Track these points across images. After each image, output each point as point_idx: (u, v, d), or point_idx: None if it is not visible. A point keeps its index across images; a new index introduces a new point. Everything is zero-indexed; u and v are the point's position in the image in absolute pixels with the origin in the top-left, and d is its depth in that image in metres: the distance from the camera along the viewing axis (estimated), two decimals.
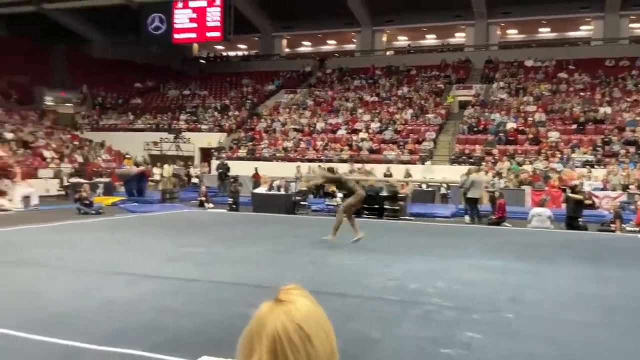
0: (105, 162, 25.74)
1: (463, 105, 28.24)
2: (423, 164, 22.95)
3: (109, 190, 20.51)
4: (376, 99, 29.45)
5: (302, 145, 25.87)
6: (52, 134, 27.09)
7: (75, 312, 5.65)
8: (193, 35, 32.31)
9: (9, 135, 23.76)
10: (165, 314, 5.73)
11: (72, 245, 9.92)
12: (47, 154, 23.45)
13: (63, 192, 20.16)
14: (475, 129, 24.81)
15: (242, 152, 26.35)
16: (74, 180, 20.19)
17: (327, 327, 1.11)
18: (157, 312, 5.77)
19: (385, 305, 6.20)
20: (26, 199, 16.80)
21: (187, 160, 27.42)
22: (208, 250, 9.64)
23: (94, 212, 15.58)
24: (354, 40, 37.91)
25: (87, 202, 15.93)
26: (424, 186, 20.85)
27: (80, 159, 24.59)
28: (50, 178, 21.01)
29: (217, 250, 9.76)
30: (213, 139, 28.23)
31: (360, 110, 28.22)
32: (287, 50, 39.63)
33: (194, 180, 25.19)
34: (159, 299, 6.28)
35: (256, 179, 21.50)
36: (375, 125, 26.31)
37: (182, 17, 32.04)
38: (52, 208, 16.77)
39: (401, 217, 16.15)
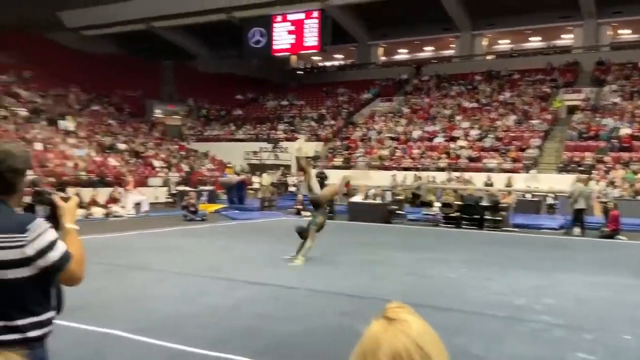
0: (209, 171, 26.91)
1: (571, 110, 26.65)
2: (527, 172, 21.89)
3: (212, 198, 21.41)
4: (476, 105, 28.56)
5: (398, 153, 25.60)
6: (161, 145, 28.75)
7: (182, 315, 5.88)
8: (291, 47, 33.27)
9: (122, 146, 25.50)
10: (266, 320, 5.82)
11: (178, 250, 10.40)
12: (157, 163, 24.90)
13: (171, 200, 21.29)
14: (585, 135, 23.30)
15: (338, 160, 26.52)
16: (180, 188, 21.30)
17: (442, 347, 1.12)
18: (258, 318, 5.86)
19: (489, 321, 5.91)
20: (137, 205, 17.91)
21: (285, 169, 28.02)
22: (304, 258, 9.72)
23: (198, 218, 16.30)
24: (452, 45, 37.07)
25: (193, 209, 16.70)
26: (528, 196, 19.86)
27: (186, 168, 25.88)
28: (159, 186, 22.28)
29: (313, 257, 9.82)
30: (310, 148, 28.62)
31: (458, 117, 27.49)
32: (383, 58, 39.51)
33: (291, 188, 25.67)
34: (259, 305, 6.40)
35: (346, 187, 21.51)
36: (474, 133, 25.50)
37: (281, 30, 33.06)
38: (161, 215, 17.74)
39: (503, 229, 15.45)
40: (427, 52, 39.70)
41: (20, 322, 1.94)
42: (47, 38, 35.25)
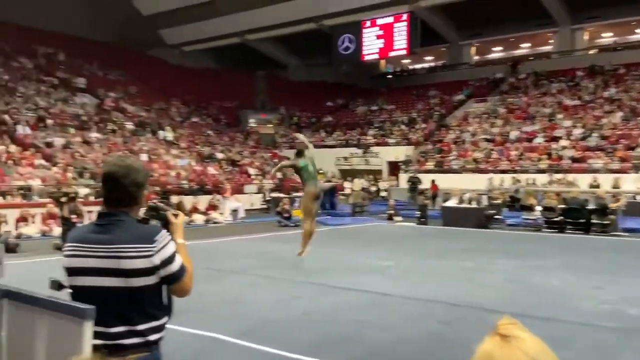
0: None
1: None
2: (637, 172, 20.32)
3: None
4: (578, 102, 26.95)
5: (494, 155, 24.68)
6: (256, 153, 29.63)
7: (277, 320, 5.97)
8: (380, 51, 33.15)
9: (220, 155, 26.54)
10: (361, 327, 5.76)
11: (273, 255, 10.63)
12: (252, 171, 25.67)
13: (265, 206, 21.85)
14: None
15: (430, 164, 26.01)
16: (274, 195, 21.81)
17: None
18: (354, 325, 5.83)
19: (601, 333, 5.50)
20: (234, 212, 18.55)
21: (376, 174, 27.90)
22: (398, 264, 9.60)
23: (292, 224, 16.57)
24: (551, 41, 35.27)
25: (287, 215, 17.03)
26: (639, 198, 18.42)
27: (279, 175, 26.45)
28: (254, 193, 22.94)
29: (407, 263, 9.67)
30: (400, 153, 28.35)
31: (559, 116, 26.07)
32: (475, 57, 38.36)
33: (383, 193, 25.50)
34: (354, 312, 6.36)
35: (434, 190, 21.06)
36: (577, 132, 24.06)
37: (370, 36, 33.06)
38: (256, 221, 18.24)
39: (612, 233, 14.42)
40: (523, 49, 38.04)
41: (141, 326, 2.04)
42: (150, 55, 37.56)
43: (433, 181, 21.95)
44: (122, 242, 2.00)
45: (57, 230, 12.84)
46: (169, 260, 2.05)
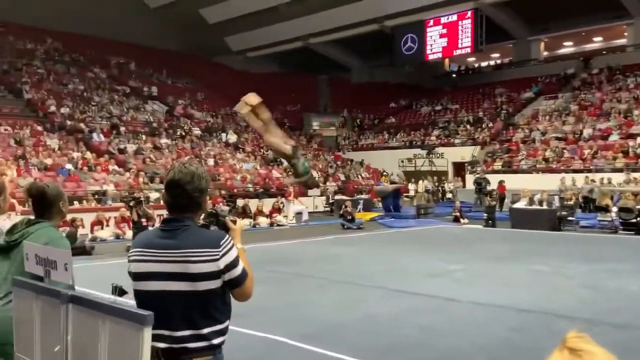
0: (365, 180, 27.26)
1: None
2: None
3: (368, 206, 21.63)
4: None
5: (566, 154, 23.66)
6: (319, 156, 29.79)
7: (341, 324, 5.94)
8: (444, 50, 32.57)
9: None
10: (428, 333, 5.65)
11: (337, 258, 10.61)
12: (315, 174, 25.80)
13: (328, 209, 21.91)
14: None
15: (498, 164, 25.26)
16: (337, 197, 21.83)
17: None
18: (420, 330, 5.72)
19: None
20: (298, 215, 18.71)
21: (441, 176, 27.40)
22: (465, 268, 9.35)
23: (355, 227, 16.53)
24: (625, 34, 33.45)
25: (350, 217, 17.00)
26: None
27: (342, 178, 26.50)
28: (318, 196, 23.05)
29: (474, 268, 9.40)
30: (466, 153, 27.72)
31: (636, 112, 24.65)
32: (545, 53, 36.95)
33: (448, 195, 25.01)
34: (420, 317, 6.24)
35: (501, 191, 20.38)
36: None
37: (433, 35, 32.56)
38: (320, 223, 18.31)
39: None
40: (596, 43, 36.31)
41: (206, 330, 2.06)
42: (216, 62, 38.60)
43: (501, 182, 21.29)
44: (189, 247, 2.03)
45: (129, 233, 13.40)
46: (233, 264, 2.08)
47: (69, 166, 18.47)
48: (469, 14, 30.51)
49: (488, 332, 5.58)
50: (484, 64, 40.48)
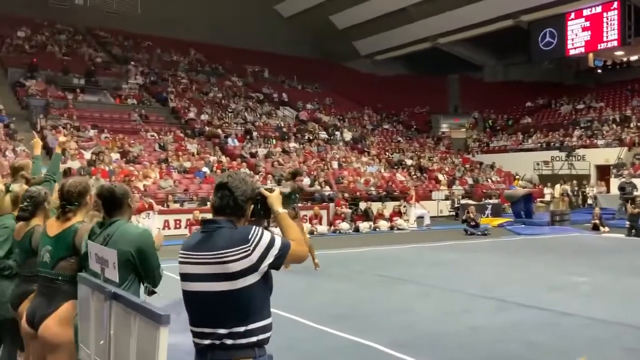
0: (495, 184, 26.06)
1: None
2: None
3: (497, 211, 20.65)
4: None
5: None
6: (446, 159, 29.03)
7: (440, 334, 5.76)
8: (587, 44, 30.19)
9: (409, 162, 26.56)
10: (534, 349, 5.28)
11: (451, 265, 10.28)
12: (441, 177, 25.21)
13: (453, 213, 21.26)
14: None
15: None
16: (463, 202, 21.10)
17: None
18: (525, 346, 5.36)
19: None
20: (420, 219, 18.39)
21: (582, 179, 25.36)
22: (593, 280, 8.59)
23: (479, 233, 15.88)
24: None
25: (474, 223, 16.36)
26: None
27: (470, 181, 25.57)
28: (442, 200, 22.46)
29: (605, 280, 8.60)
30: (611, 155, 25.38)
31: None
32: None
33: (589, 201, 23.07)
34: (526, 331, 5.85)
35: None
36: None
37: (575, 28, 30.39)
38: (442, 228, 17.83)
39: None
40: None
41: (246, 327, 2.13)
42: (344, 66, 39.29)
43: None
44: (223, 248, 2.12)
45: None
46: (269, 246, 2.15)
47: (205, 169, 19.84)
48: (615, 4, 28.03)
49: (601, 352, 5.08)
50: (633, 57, 36.76)
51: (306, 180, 20.83)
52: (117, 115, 23.67)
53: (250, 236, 2.15)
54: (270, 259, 2.15)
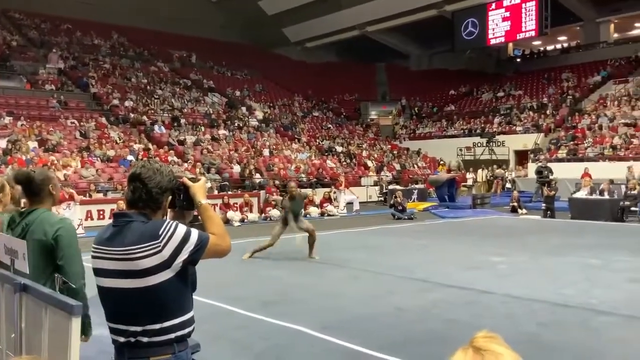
0: (421, 169, 26.84)
1: None
2: None
3: (422, 196, 21.30)
4: None
5: (635, 142, 22.35)
6: (375, 145, 29.58)
7: (367, 316, 5.91)
8: (507, 34, 31.44)
9: (339, 149, 26.86)
10: (453, 326, 5.52)
11: (379, 249, 10.54)
12: (370, 163, 25.68)
13: (382, 199, 21.75)
14: None
15: (562, 152, 24.20)
16: (391, 187, 21.60)
17: None
18: (445, 324, 5.60)
19: None
20: (349, 205, 18.69)
21: (502, 165, 26.57)
22: (510, 260, 9.07)
23: (406, 217, 16.34)
24: None
25: (401, 207, 16.81)
26: None
27: (398, 167, 26.20)
28: (371, 185, 22.92)
29: (521, 260, 9.09)
30: (529, 141, 26.73)
31: None
32: (615, 35, 34.98)
33: (508, 185, 24.21)
34: (448, 309, 6.12)
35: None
36: None
37: (495, 18, 31.52)
38: (371, 213, 18.21)
39: None
40: None
41: (161, 324, 2.03)
42: (275, 53, 39.02)
43: (586, 169, 20.35)
44: (131, 244, 2.01)
45: None
46: (183, 241, 2.02)
47: (130, 157, 19.22)
48: None
49: (516, 326, 5.39)
50: (549, 47, 38.81)
51: (236, 168, 20.69)
52: (35, 102, 22.48)
53: (161, 231, 2.01)
54: (184, 255, 2.02)
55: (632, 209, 14.96)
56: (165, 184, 2.13)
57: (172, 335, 2.05)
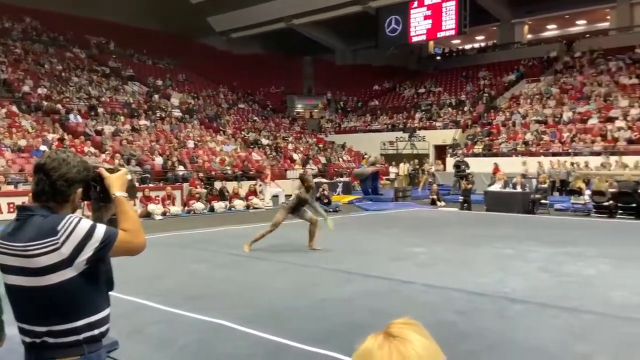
0: (346, 163, 27.21)
1: None
2: None
3: (347, 189, 21.62)
4: (636, 81, 25.52)
5: (546, 138, 23.75)
6: (301, 138, 29.66)
7: (292, 307, 5.93)
8: (428, 32, 32.36)
9: (265, 141, 26.72)
10: (376, 316, 5.63)
11: (302, 241, 10.56)
12: (296, 156, 25.73)
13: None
14: None
15: (478, 148, 25.32)
16: (317, 180, 21.74)
17: None
18: (369, 314, 5.71)
19: (624, 326, 5.17)
20: (275, 198, 18.66)
21: (422, 159, 27.43)
22: (430, 251, 9.39)
23: (331, 209, 16.52)
24: (608, 17, 33.49)
25: (326, 200, 16.99)
26: None
27: (323, 160, 26.43)
28: (297, 179, 22.92)
29: (439, 250, 9.44)
30: (448, 136, 27.75)
31: (616, 96, 24.77)
32: (528, 36, 36.93)
33: (429, 178, 25.01)
34: (371, 300, 6.25)
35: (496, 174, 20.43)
36: (635, 112, 22.80)
37: (417, 16, 32.30)
38: None
39: None
40: (579, 26, 36.33)
41: (66, 325, 1.92)
42: (199, 42, 38.12)
43: (495, 164, 21.38)
44: (29, 240, 1.88)
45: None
46: (86, 238, 1.89)
47: (43, 147, 18.20)
48: None
49: (435, 315, 5.58)
50: (467, 46, 40.37)
51: (158, 160, 20.10)
52: None
53: (60, 227, 1.87)
54: (88, 252, 1.88)
55: (542, 201, 15.88)
56: (73, 176, 1.98)
57: (80, 337, 1.93)
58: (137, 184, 16.98)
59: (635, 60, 27.57)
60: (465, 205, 16.94)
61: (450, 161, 25.06)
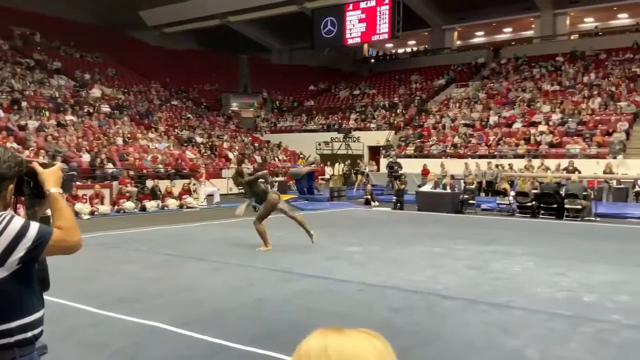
0: (282, 162, 27.19)
1: None
2: (614, 158, 20.41)
3: (283, 188, 21.58)
4: (558, 88, 27.01)
5: (473, 141, 24.69)
6: (236, 137, 29.37)
7: (228, 308, 5.87)
8: (363, 35, 32.88)
9: (199, 139, 26.27)
10: (313, 315, 5.69)
11: (238, 241, 10.52)
12: (231, 155, 25.45)
13: (243, 191, 21.63)
14: None
15: (410, 149, 25.98)
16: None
17: None
18: (306, 313, 5.75)
19: (551, 321, 5.47)
20: (210, 197, 18.38)
21: (357, 159, 27.83)
22: (364, 250, 9.55)
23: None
24: (533, 26, 35.26)
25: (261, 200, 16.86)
26: (614, 183, 18.54)
27: (259, 160, 26.29)
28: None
29: (374, 250, 9.62)
30: (382, 137, 28.29)
31: (539, 101, 26.10)
32: (458, 42, 38.26)
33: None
34: (308, 299, 6.29)
35: (425, 175, 21.05)
36: (556, 117, 24.10)
37: (352, 19, 32.76)
38: (232, 205, 17.95)
39: (585, 218, 14.48)
40: (506, 34, 38.02)
41: (4, 327, 1.84)
42: (129, 36, 36.95)
43: (425, 166, 22.00)
44: None
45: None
46: (18, 237, 1.82)
47: None
48: (387, 0, 30.93)
49: (371, 312, 5.70)
50: (400, 50, 41.32)
51: (85, 157, 19.34)
52: None
53: None
54: (20, 252, 1.81)
55: (470, 202, 16.50)
56: (3, 172, 1.89)
57: (12, 340, 1.85)
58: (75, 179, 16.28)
59: (557, 67, 29.17)
60: (398, 205, 17.33)
61: (383, 162, 25.57)
